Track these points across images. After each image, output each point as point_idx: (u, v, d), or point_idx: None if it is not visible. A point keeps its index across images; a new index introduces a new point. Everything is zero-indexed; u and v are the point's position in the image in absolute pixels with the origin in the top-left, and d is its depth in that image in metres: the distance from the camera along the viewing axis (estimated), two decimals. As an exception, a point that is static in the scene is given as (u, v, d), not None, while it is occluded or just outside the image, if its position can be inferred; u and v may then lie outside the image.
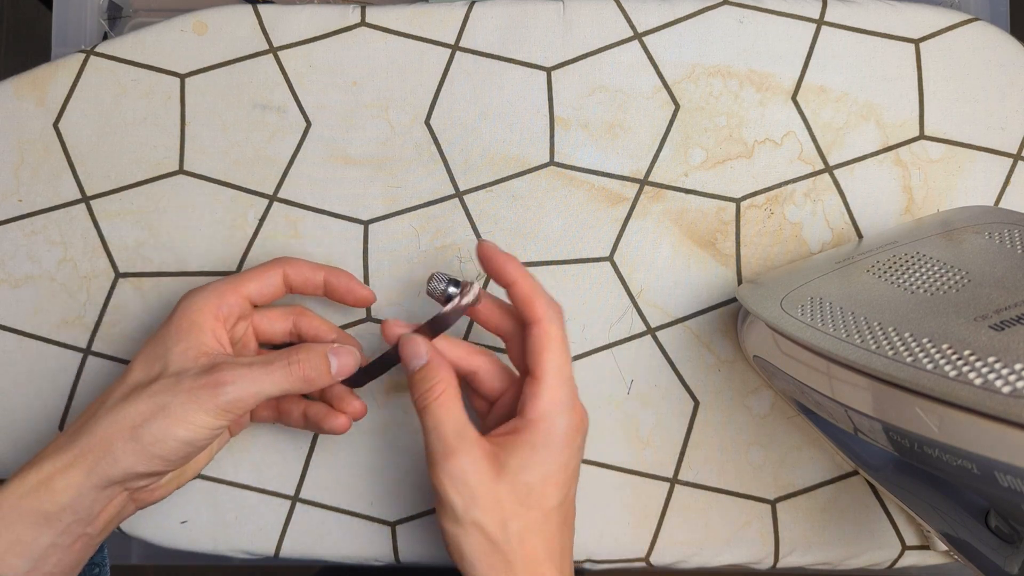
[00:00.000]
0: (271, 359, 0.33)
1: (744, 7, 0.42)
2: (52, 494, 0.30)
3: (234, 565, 0.43)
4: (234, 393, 0.31)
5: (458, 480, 0.31)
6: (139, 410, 0.31)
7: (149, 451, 0.31)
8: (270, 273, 0.36)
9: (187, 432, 0.31)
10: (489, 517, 0.31)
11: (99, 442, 0.30)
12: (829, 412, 0.33)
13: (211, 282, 0.35)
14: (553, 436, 0.32)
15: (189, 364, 0.32)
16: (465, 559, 0.31)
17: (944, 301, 0.29)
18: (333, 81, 0.42)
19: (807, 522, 0.40)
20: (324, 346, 0.34)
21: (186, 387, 0.31)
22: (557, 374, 0.32)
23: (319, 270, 0.37)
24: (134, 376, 0.32)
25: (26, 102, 0.42)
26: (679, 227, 0.42)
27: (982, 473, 0.24)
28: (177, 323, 0.33)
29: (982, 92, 0.42)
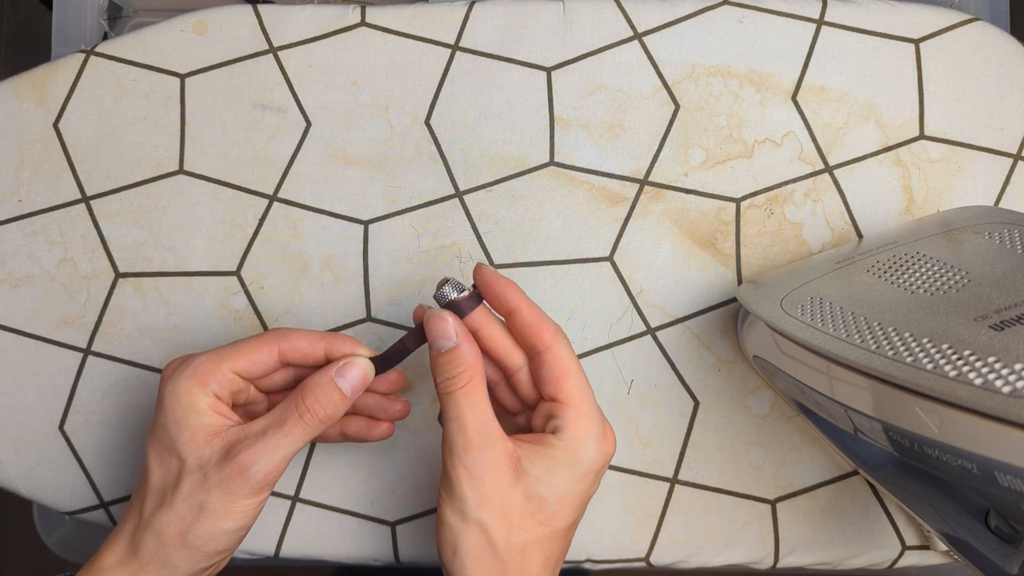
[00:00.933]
0: (282, 417, 0.31)
1: (744, 7, 0.42)
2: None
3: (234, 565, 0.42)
4: (262, 470, 0.30)
5: (475, 476, 0.30)
6: (180, 516, 0.30)
7: (204, 551, 0.31)
8: (263, 349, 0.33)
9: (234, 522, 0.31)
10: (497, 521, 0.30)
11: (154, 555, 0.30)
12: (829, 412, 0.33)
13: (192, 357, 0.32)
14: (581, 461, 0.31)
15: (205, 452, 0.30)
16: (458, 555, 0.30)
17: (944, 301, 0.29)
18: (333, 81, 0.42)
19: (807, 522, 0.40)
20: (328, 376, 0.32)
21: (215, 482, 0.30)
22: (585, 400, 0.31)
23: (319, 342, 0.33)
24: (154, 478, 0.31)
25: (26, 102, 0.42)
26: (679, 227, 0.42)
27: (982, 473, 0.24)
28: (171, 410, 0.31)
29: (982, 92, 0.42)
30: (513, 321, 0.32)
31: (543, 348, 0.31)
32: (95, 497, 0.41)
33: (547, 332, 0.31)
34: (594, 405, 0.32)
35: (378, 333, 0.41)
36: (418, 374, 0.41)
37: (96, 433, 0.41)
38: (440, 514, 0.31)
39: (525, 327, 0.32)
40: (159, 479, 0.31)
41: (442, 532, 0.31)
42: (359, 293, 0.41)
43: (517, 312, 0.32)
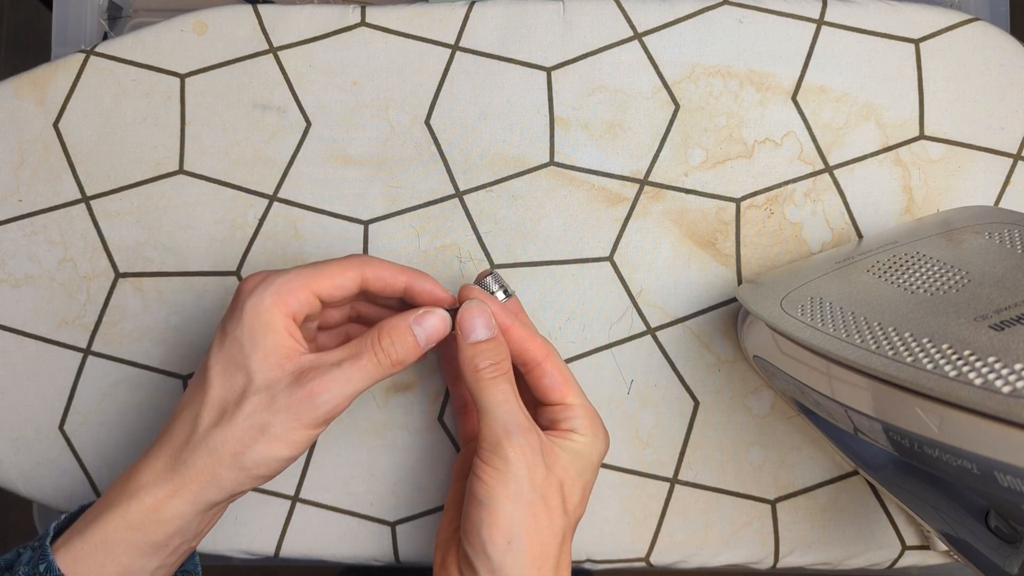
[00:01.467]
0: (358, 352, 0.31)
1: (744, 7, 0.42)
2: (160, 525, 0.30)
3: (234, 565, 0.43)
4: (331, 403, 0.30)
5: (532, 455, 0.30)
6: (237, 436, 0.30)
7: (252, 474, 0.30)
8: (347, 273, 0.32)
9: (289, 451, 0.30)
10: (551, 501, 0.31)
11: (200, 473, 0.30)
12: (829, 412, 0.33)
13: (276, 272, 0.32)
14: (594, 456, 0.33)
15: (275, 372, 0.30)
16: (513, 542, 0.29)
17: (944, 301, 0.29)
18: (333, 81, 0.42)
19: (807, 522, 0.40)
20: (407, 321, 0.32)
21: (282, 405, 0.29)
22: (588, 401, 0.34)
23: (400, 274, 0.33)
24: (215, 391, 0.30)
25: (26, 102, 0.42)
26: (679, 227, 0.42)
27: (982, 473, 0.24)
28: (248, 324, 0.30)
29: (982, 92, 0.42)
30: (507, 338, 0.33)
31: (541, 359, 0.34)
32: (95, 497, 0.41)
33: (541, 345, 0.34)
34: (592, 407, 0.34)
35: (378, 333, 0.41)
36: (418, 374, 0.41)
37: (96, 433, 0.41)
38: (491, 501, 0.30)
39: (519, 341, 0.34)
40: (220, 394, 0.30)
41: (494, 521, 0.30)
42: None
43: (510, 330, 0.33)
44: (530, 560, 0.29)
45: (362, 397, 0.41)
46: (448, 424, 0.41)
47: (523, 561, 0.29)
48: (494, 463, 0.30)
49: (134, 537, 0.29)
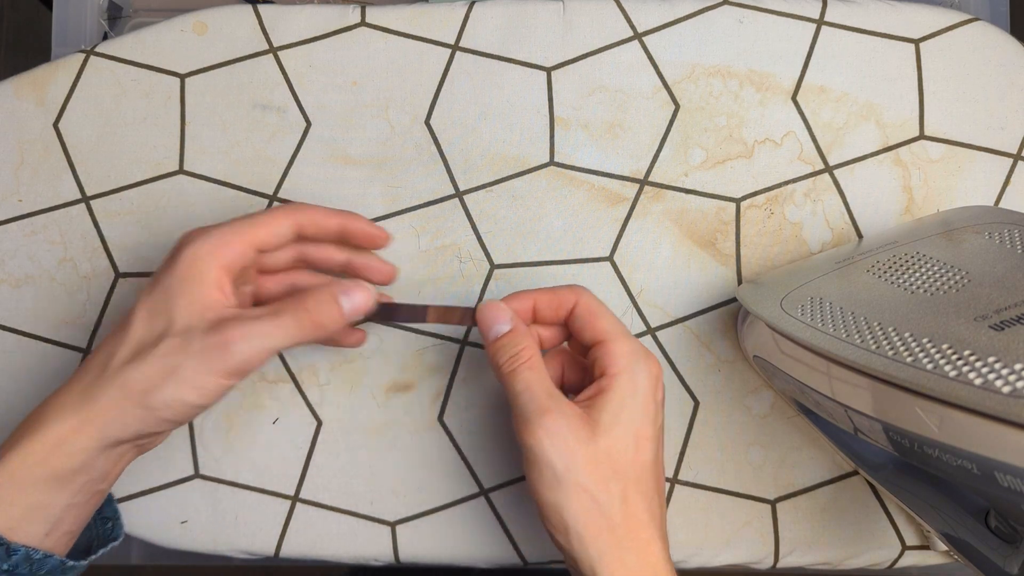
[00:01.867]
0: (279, 309, 0.31)
1: (744, 7, 0.42)
2: (64, 458, 0.29)
3: (234, 565, 0.42)
4: (245, 352, 0.30)
5: (557, 437, 0.30)
6: (147, 375, 0.29)
7: (158, 415, 0.30)
8: (281, 221, 0.33)
9: (198, 397, 0.30)
10: (591, 477, 0.30)
11: (107, 407, 0.30)
12: (829, 412, 0.33)
13: (214, 226, 0.32)
14: (638, 388, 0.32)
15: (195, 320, 0.30)
16: (570, 529, 0.30)
17: (944, 301, 0.29)
18: (333, 81, 0.42)
19: (807, 522, 0.40)
20: (334, 288, 0.32)
21: (195, 348, 0.29)
22: (620, 330, 0.33)
23: (334, 216, 0.34)
24: (136, 331, 0.31)
25: (26, 102, 0.42)
26: (679, 227, 0.42)
27: (982, 473, 0.24)
28: (181, 273, 0.31)
29: (982, 92, 0.42)
30: (539, 309, 0.34)
31: (570, 306, 0.34)
32: (95, 497, 0.41)
33: (568, 293, 0.34)
34: (629, 335, 0.33)
35: (379, 333, 0.41)
36: (418, 374, 0.41)
37: (96, 433, 0.41)
38: (537, 497, 0.31)
39: (548, 306, 0.34)
40: (139, 335, 0.30)
41: (546, 515, 0.30)
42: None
43: (536, 301, 0.34)
44: (592, 538, 0.30)
45: (362, 397, 0.41)
46: (448, 424, 0.41)
47: (585, 541, 0.30)
48: (526, 455, 0.31)
49: (39, 471, 0.29)
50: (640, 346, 0.33)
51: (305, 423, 0.41)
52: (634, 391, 0.31)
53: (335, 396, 0.41)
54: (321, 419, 0.41)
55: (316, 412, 0.41)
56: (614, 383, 0.32)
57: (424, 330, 0.41)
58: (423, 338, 0.41)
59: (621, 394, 0.31)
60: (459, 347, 0.41)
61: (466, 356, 0.41)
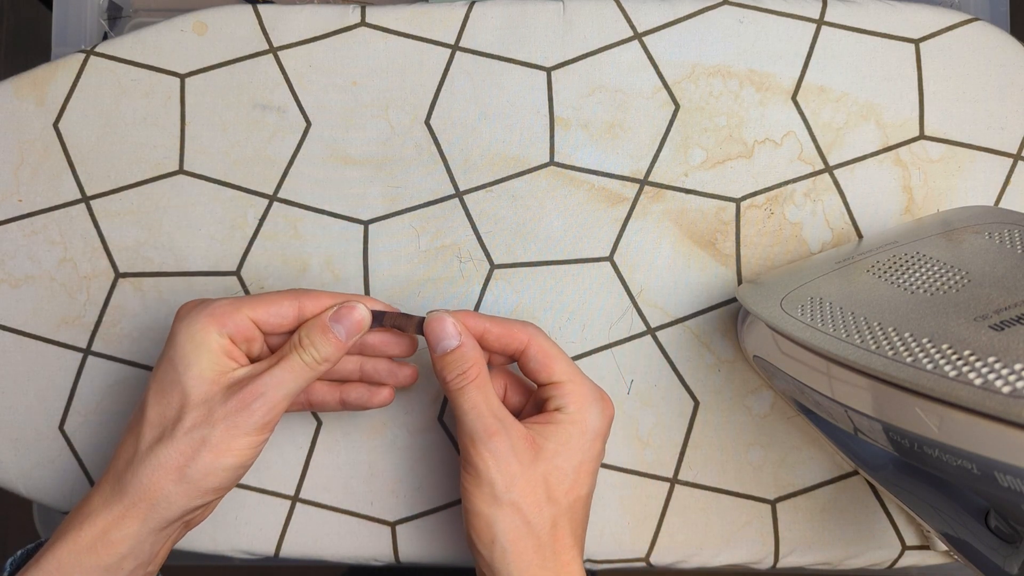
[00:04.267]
0: (282, 354, 0.32)
1: (744, 7, 0.42)
2: (110, 547, 0.30)
3: (234, 565, 0.43)
4: (266, 404, 0.31)
5: (502, 459, 0.31)
6: (180, 450, 0.30)
7: (201, 487, 0.30)
8: (283, 303, 0.33)
9: (234, 459, 0.31)
10: (528, 499, 0.31)
11: (148, 489, 0.30)
12: (829, 412, 0.33)
13: (209, 300, 0.33)
14: (588, 428, 0.33)
15: (211, 388, 0.31)
16: (497, 542, 0.31)
17: (944, 301, 0.29)
18: (333, 81, 0.42)
19: (807, 522, 0.40)
20: (321, 318, 0.32)
21: (219, 415, 0.30)
22: (576, 374, 0.34)
23: (339, 299, 0.34)
24: (153, 412, 0.31)
25: (26, 102, 0.42)
26: (679, 227, 0.42)
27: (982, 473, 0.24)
28: (182, 347, 0.31)
29: (982, 92, 0.42)
30: (487, 340, 0.34)
31: (524, 346, 0.34)
32: (95, 497, 0.41)
33: (521, 331, 0.34)
34: (586, 378, 0.34)
35: (378, 333, 0.41)
36: (419, 374, 0.41)
37: (96, 433, 0.41)
38: (470, 507, 0.32)
39: (500, 338, 0.34)
40: (158, 414, 0.31)
41: (475, 525, 0.32)
42: (359, 293, 0.41)
43: (487, 332, 0.34)
44: (516, 555, 0.31)
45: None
46: (448, 424, 0.41)
47: (509, 557, 0.31)
48: (468, 469, 0.32)
49: (87, 561, 0.30)
50: (597, 388, 0.34)
51: (305, 423, 0.41)
52: (584, 430, 0.33)
53: (335, 396, 0.41)
54: (321, 419, 0.41)
55: (316, 412, 0.41)
56: (567, 419, 0.33)
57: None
58: (423, 338, 0.41)
59: (570, 430, 0.32)
60: (459, 347, 0.41)
61: (466, 356, 0.41)
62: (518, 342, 0.34)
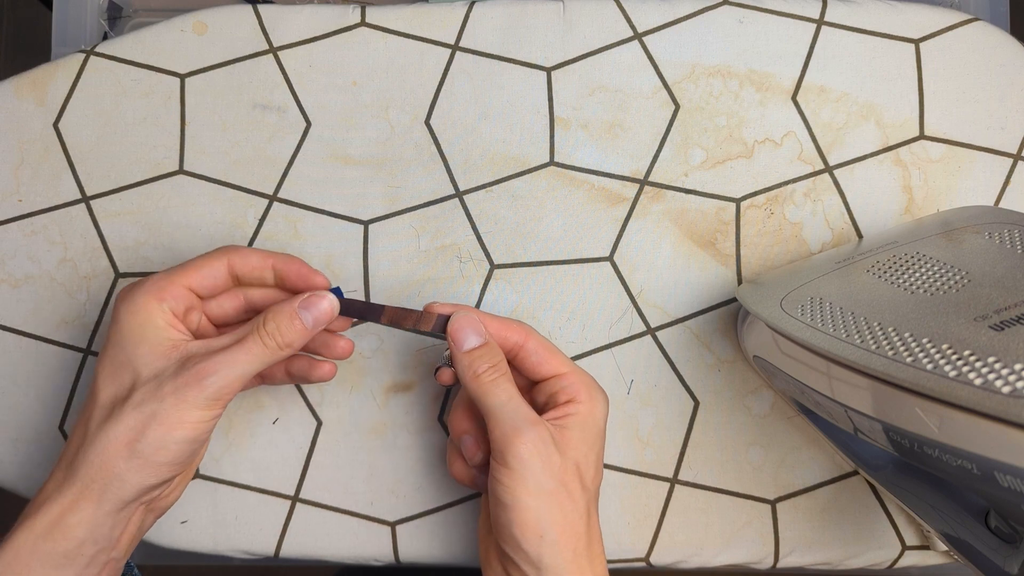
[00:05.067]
0: (243, 335, 0.32)
1: (744, 7, 0.42)
2: (66, 531, 0.29)
3: (234, 565, 0.42)
4: (219, 382, 0.30)
5: (544, 448, 0.31)
6: (129, 425, 0.30)
7: (153, 461, 0.30)
8: (213, 263, 0.33)
9: (185, 432, 0.30)
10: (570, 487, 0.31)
11: (99, 469, 0.30)
12: (829, 412, 0.33)
13: (146, 277, 0.33)
14: (597, 419, 0.33)
15: (161, 363, 0.31)
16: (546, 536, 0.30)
17: (944, 301, 0.29)
18: (333, 81, 0.42)
19: (807, 522, 0.40)
20: (292, 306, 0.32)
21: (169, 389, 0.30)
22: (577, 367, 0.34)
23: (268, 257, 0.34)
24: (105, 394, 0.31)
25: (26, 102, 0.42)
26: (679, 227, 0.42)
27: (982, 473, 0.24)
28: (127, 326, 0.31)
29: (982, 92, 0.42)
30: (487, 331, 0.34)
31: (522, 340, 0.34)
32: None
33: (517, 328, 0.34)
34: (582, 368, 0.35)
35: (378, 333, 0.41)
36: (418, 374, 0.41)
37: (96, 433, 0.41)
38: (513, 502, 0.30)
39: (498, 332, 0.34)
40: (109, 395, 0.31)
41: (521, 520, 0.30)
42: (359, 293, 0.41)
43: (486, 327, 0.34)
44: (563, 546, 0.30)
45: (362, 397, 0.41)
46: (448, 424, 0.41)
47: (557, 549, 0.30)
48: (509, 463, 0.31)
49: (44, 547, 0.29)
50: (595, 381, 0.35)
51: (305, 423, 0.41)
52: (595, 418, 0.33)
53: (335, 396, 0.41)
54: (321, 419, 0.41)
55: (316, 412, 0.41)
56: (581, 408, 0.33)
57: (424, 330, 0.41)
58: (423, 338, 0.41)
59: (587, 420, 0.33)
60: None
61: (466, 356, 0.41)
62: (516, 336, 0.34)
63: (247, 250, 0.34)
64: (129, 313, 0.31)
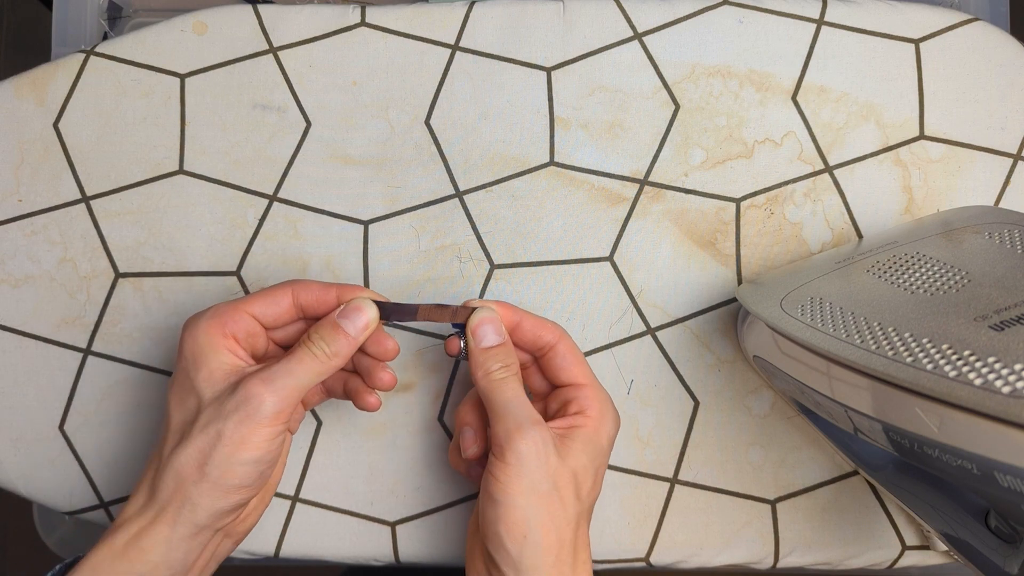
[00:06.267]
0: (293, 352, 0.33)
1: (744, 7, 0.42)
2: (142, 553, 0.30)
3: (234, 565, 0.42)
4: (274, 398, 0.31)
5: (543, 449, 0.31)
6: (198, 448, 0.30)
7: (222, 484, 0.30)
8: (278, 294, 0.34)
9: (250, 452, 0.31)
10: (563, 492, 0.31)
11: (173, 493, 0.30)
12: (829, 412, 0.33)
13: (212, 306, 0.34)
14: (603, 434, 0.33)
15: (221, 386, 0.31)
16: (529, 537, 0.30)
17: (944, 301, 0.29)
18: (333, 81, 0.42)
19: (807, 522, 0.40)
20: (332, 317, 0.33)
21: (230, 409, 0.30)
22: (597, 381, 0.35)
23: (331, 289, 0.35)
24: (175, 420, 0.32)
25: (26, 102, 0.42)
26: (679, 227, 0.42)
27: (982, 473, 0.24)
28: (190, 353, 0.32)
29: (982, 92, 0.42)
30: (520, 331, 0.35)
31: (554, 342, 0.35)
32: (95, 497, 0.41)
33: (552, 327, 0.35)
34: (601, 385, 0.35)
35: (378, 333, 0.41)
36: (419, 374, 0.41)
37: (96, 433, 0.41)
38: (505, 498, 0.30)
39: (533, 329, 0.35)
40: (178, 421, 0.32)
41: (508, 517, 0.30)
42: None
43: (522, 322, 0.35)
44: (546, 550, 0.30)
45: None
46: (448, 424, 0.41)
47: (539, 552, 0.30)
48: (507, 458, 0.31)
49: (119, 567, 0.30)
50: (610, 399, 0.35)
51: (305, 423, 0.41)
52: (600, 435, 0.33)
53: (335, 396, 0.41)
54: (321, 419, 0.41)
55: (316, 412, 0.41)
56: (590, 422, 0.33)
57: (424, 330, 0.41)
58: (423, 338, 0.41)
59: (591, 433, 0.33)
60: (459, 347, 0.41)
61: (466, 356, 0.41)
62: (549, 336, 0.35)
63: (311, 282, 0.35)
64: (192, 339, 0.32)
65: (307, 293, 0.34)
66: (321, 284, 0.35)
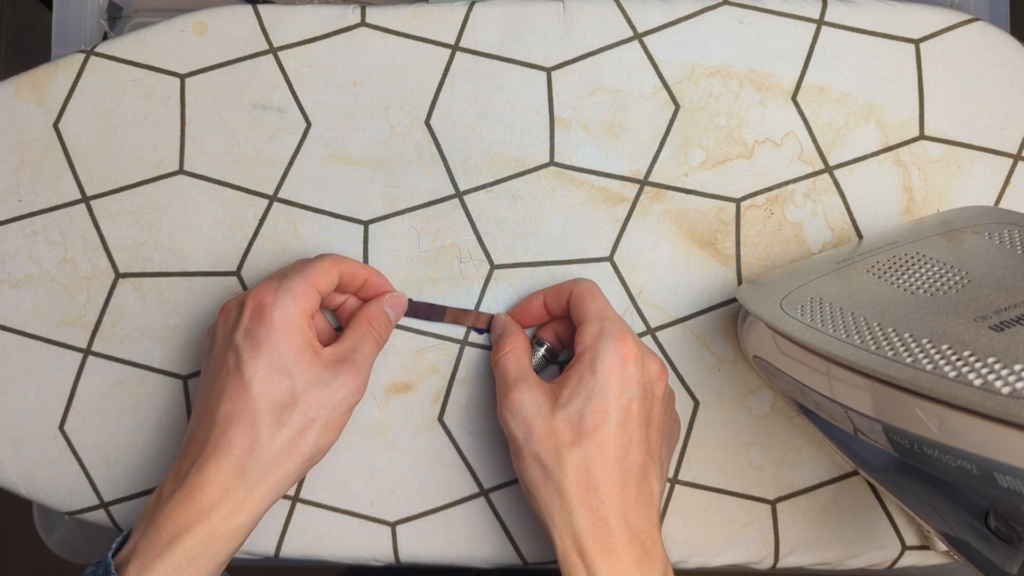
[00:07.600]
0: (363, 338, 0.36)
1: (744, 7, 0.42)
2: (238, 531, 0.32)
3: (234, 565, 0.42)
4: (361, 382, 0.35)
5: (517, 413, 0.34)
6: (299, 430, 0.33)
7: (308, 463, 0.34)
8: (332, 270, 0.36)
9: (336, 436, 0.35)
10: (543, 447, 0.33)
11: (273, 473, 0.32)
12: (829, 412, 0.33)
13: (285, 279, 0.35)
14: (598, 365, 0.34)
15: (313, 370, 0.33)
16: (529, 492, 0.34)
17: (944, 301, 0.29)
18: (333, 81, 0.42)
19: (807, 522, 0.41)
20: (381, 306, 0.38)
21: (328, 396, 0.33)
22: (596, 314, 0.36)
23: (364, 270, 0.39)
24: (265, 397, 0.33)
25: (26, 102, 0.42)
26: (679, 227, 0.42)
27: (982, 474, 0.24)
28: (282, 330, 0.33)
29: (982, 92, 0.42)
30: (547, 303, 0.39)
31: (571, 290, 0.38)
32: (95, 497, 0.41)
33: (568, 284, 0.39)
34: (604, 319, 0.35)
35: (378, 333, 0.41)
36: (418, 374, 0.41)
37: (96, 433, 0.41)
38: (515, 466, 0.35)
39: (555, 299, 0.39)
40: (270, 399, 0.33)
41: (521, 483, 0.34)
42: None
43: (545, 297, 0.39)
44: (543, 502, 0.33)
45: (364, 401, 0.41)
46: (448, 424, 0.41)
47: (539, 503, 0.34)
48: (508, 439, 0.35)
49: (218, 548, 0.32)
50: (613, 326, 0.35)
51: (305, 423, 0.41)
52: (594, 368, 0.34)
53: (335, 396, 0.41)
54: (321, 419, 0.41)
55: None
56: (578, 361, 0.34)
57: (424, 330, 0.41)
58: (423, 338, 0.41)
59: (581, 370, 0.34)
60: (459, 347, 0.41)
61: (466, 356, 0.41)
62: (566, 293, 0.38)
63: (351, 261, 0.38)
64: (283, 318, 0.33)
65: (350, 271, 0.38)
66: (355, 264, 0.38)
